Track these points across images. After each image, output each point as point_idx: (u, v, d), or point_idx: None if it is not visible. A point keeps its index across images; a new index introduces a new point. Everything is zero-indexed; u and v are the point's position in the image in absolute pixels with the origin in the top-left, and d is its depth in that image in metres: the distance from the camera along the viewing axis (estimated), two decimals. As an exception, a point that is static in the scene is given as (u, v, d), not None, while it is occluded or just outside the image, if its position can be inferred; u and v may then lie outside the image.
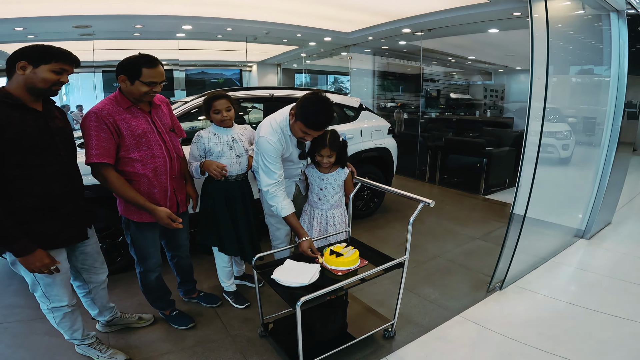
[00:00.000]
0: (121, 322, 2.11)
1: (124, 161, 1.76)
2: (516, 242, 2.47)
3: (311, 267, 1.81)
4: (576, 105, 4.04)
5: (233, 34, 6.18)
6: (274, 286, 1.72)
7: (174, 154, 1.90)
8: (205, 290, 2.48)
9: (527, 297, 2.53)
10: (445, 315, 2.29)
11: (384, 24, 5.96)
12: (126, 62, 1.68)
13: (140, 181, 1.80)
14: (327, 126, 1.95)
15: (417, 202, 1.85)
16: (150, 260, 1.97)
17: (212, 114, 2.09)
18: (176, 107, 2.96)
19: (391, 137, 4.14)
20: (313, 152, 2.15)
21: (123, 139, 1.72)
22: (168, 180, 1.88)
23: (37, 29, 5.52)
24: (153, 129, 1.81)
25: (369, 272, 1.76)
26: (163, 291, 2.12)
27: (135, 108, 1.77)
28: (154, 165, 1.81)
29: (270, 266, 1.89)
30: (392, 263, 1.83)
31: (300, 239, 1.99)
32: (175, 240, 2.15)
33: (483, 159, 5.02)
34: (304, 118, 1.84)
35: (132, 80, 1.68)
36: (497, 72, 8.95)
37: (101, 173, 1.70)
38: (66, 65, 1.48)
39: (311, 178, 2.23)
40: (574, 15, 3.44)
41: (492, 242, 3.44)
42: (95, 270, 1.85)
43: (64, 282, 1.64)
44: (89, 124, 1.64)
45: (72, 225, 1.63)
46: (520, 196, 3.89)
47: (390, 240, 3.44)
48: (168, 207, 1.90)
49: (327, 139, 2.06)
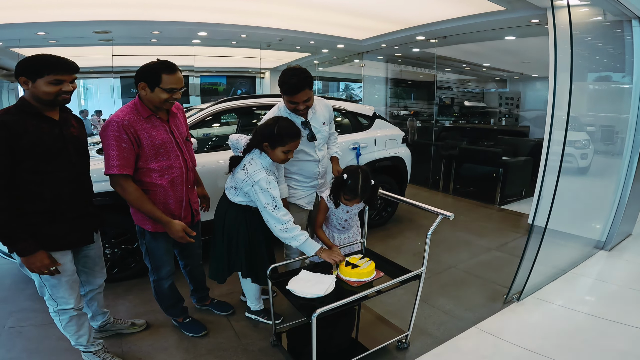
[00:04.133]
0: (113, 328, 2.11)
1: (141, 171, 1.75)
2: (536, 254, 2.41)
3: (326, 278, 1.77)
4: (595, 113, 3.95)
5: (247, 40, 6.24)
6: (288, 297, 1.69)
7: (189, 164, 1.91)
8: (218, 297, 2.46)
9: (546, 308, 2.47)
10: (461, 327, 2.24)
11: (398, 32, 5.94)
12: (146, 69, 1.67)
13: (157, 191, 1.79)
14: (302, 87, 1.90)
15: (436, 214, 1.81)
16: (164, 269, 1.97)
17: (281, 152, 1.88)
18: (190, 115, 2.98)
19: (405, 146, 4.09)
20: (340, 195, 2.00)
21: (143, 149, 1.71)
22: (184, 191, 1.88)
23: (58, 34, 5.67)
24: (172, 139, 1.81)
25: (385, 285, 1.73)
26: (176, 299, 2.11)
27: (154, 117, 1.76)
28: (172, 176, 1.81)
29: (285, 276, 1.86)
30: (409, 275, 1.80)
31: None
32: (189, 249, 2.14)
33: (499, 168, 4.93)
34: (281, 88, 1.94)
35: (152, 88, 1.67)
36: (512, 79, 8.83)
37: (120, 184, 1.68)
38: (60, 75, 1.47)
39: (336, 214, 2.15)
40: (593, 22, 3.37)
41: (508, 253, 3.37)
42: (94, 273, 1.87)
43: (70, 284, 1.65)
44: (110, 134, 1.63)
45: (79, 228, 1.66)
46: (541, 207, 3.84)
47: (403, 250, 3.39)
48: (183, 217, 1.90)
49: (359, 189, 1.93)
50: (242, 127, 3.71)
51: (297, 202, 2.23)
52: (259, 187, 1.77)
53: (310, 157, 2.16)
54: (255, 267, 2.02)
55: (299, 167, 2.17)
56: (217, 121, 3.73)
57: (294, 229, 1.82)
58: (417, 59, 7.70)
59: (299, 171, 2.18)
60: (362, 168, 1.99)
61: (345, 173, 1.97)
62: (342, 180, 1.96)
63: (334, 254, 1.89)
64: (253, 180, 1.78)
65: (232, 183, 1.96)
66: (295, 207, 2.20)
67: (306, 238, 1.83)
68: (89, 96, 7.58)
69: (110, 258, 2.61)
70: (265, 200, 1.77)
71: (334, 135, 2.42)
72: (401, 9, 4.94)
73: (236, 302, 2.46)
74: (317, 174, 2.23)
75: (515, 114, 8.33)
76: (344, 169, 2.01)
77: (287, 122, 1.87)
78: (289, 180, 2.19)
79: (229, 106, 3.17)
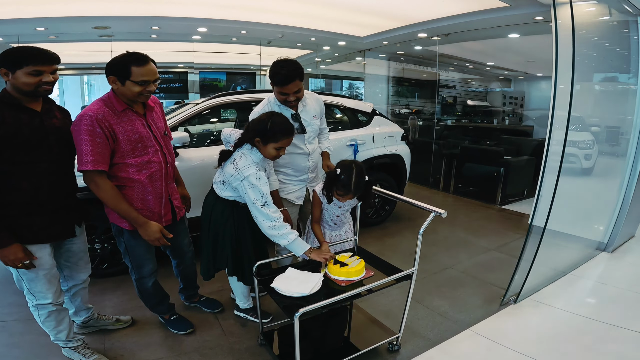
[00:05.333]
0: (97, 324, 2.07)
1: (118, 167, 1.67)
2: (534, 255, 2.34)
3: (313, 277, 1.71)
4: (599, 113, 3.87)
5: (248, 37, 6.18)
6: (273, 295, 1.64)
7: (168, 159, 1.84)
8: (208, 294, 2.41)
9: (544, 311, 2.40)
10: (455, 329, 2.18)
11: (400, 29, 5.86)
12: (114, 62, 1.59)
13: (135, 187, 1.72)
14: (292, 78, 1.88)
15: (429, 212, 1.74)
16: (146, 267, 1.90)
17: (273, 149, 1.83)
18: (185, 109, 2.94)
19: (404, 144, 4.03)
20: (332, 191, 1.94)
21: (119, 144, 1.63)
22: (163, 186, 1.82)
23: (58, 30, 5.64)
24: (149, 133, 1.74)
25: (374, 284, 1.66)
26: (161, 296, 2.06)
27: (130, 111, 1.68)
28: (150, 172, 1.74)
29: (272, 274, 1.80)
30: (399, 275, 1.73)
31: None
32: (180, 248, 2.09)
33: (500, 167, 4.85)
34: (272, 79, 1.93)
35: (123, 81, 1.59)
36: (516, 78, 8.74)
37: (94, 180, 1.59)
38: (40, 66, 1.45)
39: (328, 209, 2.07)
40: (598, 21, 3.29)
41: (507, 253, 3.30)
42: (78, 268, 1.82)
43: (48, 279, 1.61)
44: (84, 128, 1.54)
45: (59, 222, 1.62)
46: (540, 207, 3.76)
47: (400, 250, 3.32)
48: (163, 214, 1.85)
49: (352, 184, 1.85)
50: (240, 123, 3.67)
51: (287, 196, 2.19)
52: (249, 183, 1.72)
53: (300, 149, 2.11)
54: (241, 264, 1.96)
55: (289, 160, 2.12)
56: (213, 116, 3.69)
57: (283, 227, 1.77)
58: (419, 57, 7.62)
59: (288, 164, 2.13)
60: (356, 163, 1.92)
61: (339, 167, 1.90)
62: (335, 175, 1.89)
63: (324, 253, 1.83)
64: (242, 175, 1.73)
65: (221, 177, 1.91)
66: (285, 201, 2.16)
67: (295, 237, 1.78)
68: (93, 93, 7.57)
69: (100, 253, 2.57)
70: (255, 196, 1.72)
71: (325, 131, 2.37)
72: (402, 6, 4.86)
73: (226, 299, 2.41)
74: (307, 168, 2.18)
75: (519, 113, 8.24)
76: (337, 163, 1.94)
77: (281, 118, 1.82)
78: (278, 174, 2.15)
79: (224, 100, 3.12)
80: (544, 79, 8.20)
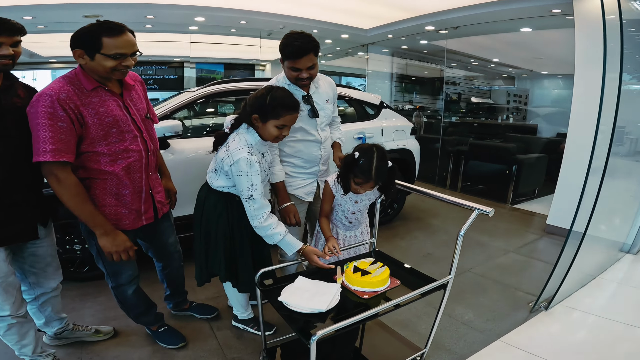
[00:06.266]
0: (73, 336, 1.80)
1: (86, 156, 1.38)
2: (572, 260, 2.11)
3: (329, 288, 1.42)
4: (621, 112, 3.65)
5: (247, 28, 5.91)
6: (282, 311, 1.34)
7: (151, 147, 1.56)
8: (203, 302, 2.15)
9: (578, 318, 2.19)
10: (483, 340, 1.95)
11: (406, 20, 5.61)
12: (81, 32, 1.31)
13: (107, 180, 1.44)
14: (307, 51, 1.65)
15: (470, 209, 1.51)
16: (124, 274, 1.62)
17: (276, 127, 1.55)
18: (181, 98, 2.69)
19: (414, 139, 3.79)
20: (349, 179, 1.66)
21: (87, 129, 1.34)
22: (144, 179, 1.54)
23: (46, 18, 5.34)
24: (127, 116, 1.45)
25: (404, 298, 1.35)
26: (146, 305, 1.79)
27: (102, 89, 1.39)
28: (127, 162, 1.46)
29: (277, 283, 1.52)
30: (433, 285, 1.45)
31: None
32: (164, 249, 1.83)
33: (512, 165, 4.62)
34: (283, 52, 1.69)
35: (92, 55, 1.31)
36: (520, 76, 8.58)
37: (55, 174, 1.30)
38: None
39: (341, 204, 1.80)
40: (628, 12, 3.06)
41: (527, 255, 3.07)
42: (46, 275, 1.56)
43: (4, 288, 1.36)
44: (41, 110, 1.25)
45: (17, 220, 1.35)
46: (559, 205, 3.51)
47: (412, 252, 3.07)
48: (143, 211, 1.58)
49: (373, 169, 1.58)
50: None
51: (295, 192, 1.90)
52: (237, 168, 1.46)
53: (311, 136, 1.85)
54: (236, 269, 1.68)
55: (298, 148, 1.85)
56: (209, 105, 3.44)
57: (267, 227, 1.51)
58: (423, 52, 7.39)
59: (297, 153, 1.85)
60: (377, 146, 1.64)
61: (357, 151, 1.62)
62: (353, 159, 1.61)
63: (314, 257, 1.57)
64: (232, 159, 1.47)
65: (214, 164, 1.64)
66: (292, 197, 1.88)
67: (283, 235, 1.54)
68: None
69: (80, 255, 2.30)
70: (242, 186, 1.48)
71: (337, 119, 2.11)
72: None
73: (223, 307, 2.15)
74: (319, 158, 1.91)
75: (524, 111, 8.08)
76: (355, 147, 1.67)
77: (283, 92, 1.54)
78: (285, 165, 1.87)
79: (222, 88, 2.85)
80: (547, 77, 8.08)
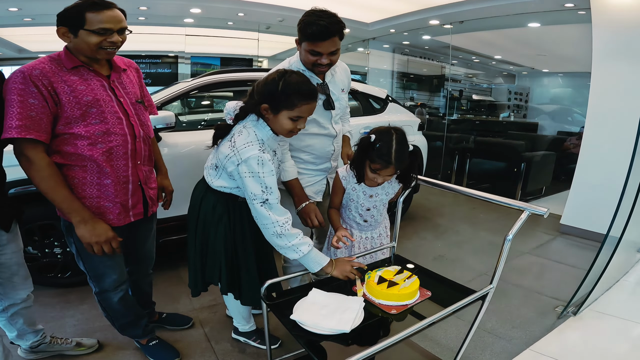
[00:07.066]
0: (51, 349, 1.60)
1: (62, 139, 1.25)
2: (606, 264, 1.94)
3: (350, 302, 1.19)
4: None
5: (245, 21, 5.69)
6: (295, 332, 1.10)
7: (139, 132, 1.39)
8: (198, 310, 1.97)
9: (610, 323, 2.03)
10: (511, 350, 1.78)
11: (410, 14, 5.42)
12: (65, 10, 1.21)
13: (87, 167, 1.28)
14: (332, 33, 1.41)
15: (519, 210, 1.29)
16: (108, 278, 1.43)
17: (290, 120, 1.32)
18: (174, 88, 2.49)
19: (421, 135, 3.63)
20: (363, 165, 1.46)
21: (62, 107, 1.21)
22: (129, 168, 1.37)
23: (33, 10, 5.08)
24: (111, 97, 1.32)
25: (441, 314, 1.10)
26: (135, 315, 1.58)
27: (85, 69, 1.27)
28: (108, 146, 1.29)
29: (287, 295, 1.29)
30: (473, 297, 1.22)
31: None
32: (138, 252, 1.63)
33: (520, 163, 4.47)
34: (303, 32, 1.43)
35: (75, 31, 1.21)
36: (521, 74, 8.48)
37: (25, 154, 1.18)
38: None
39: (354, 198, 1.58)
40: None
41: (543, 257, 2.91)
42: (13, 285, 1.36)
43: None
44: (13, 87, 1.15)
45: None
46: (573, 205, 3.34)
47: (422, 254, 2.89)
48: (131, 205, 1.40)
49: (393, 153, 1.37)
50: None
51: None
52: (248, 169, 1.24)
53: (324, 130, 1.63)
54: (239, 280, 1.46)
55: (308, 142, 1.63)
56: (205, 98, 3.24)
57: (292, 235, 1.28)
58: (425, 48, 7.22)
59: (307, 148, 1.64)
60: (396, 128, 1.43)
61: (374, 134, 1.41)
62: (369, 142, 1.40)
63: (347, 266, 1.36)
64: (240, 158, 1.25)
65: (214, 160, 1.42)
66: None
67: (309, 249, 1.31)
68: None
69: (62, 259, 2.09)
70: (254, 189, 1.25)
71: (347, 110, 1.91)
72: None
73: (221, 317, 1.95)
74: (331, 154, 1.70)
75: (524, 108, 7.99)
76: (371, 130, 1.45)
77: (299, 76, 1.31)
78: (293, 160, 1.65)
79: (219, 79, 2.64)
80: (548, 75, 8.01)
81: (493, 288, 1.27)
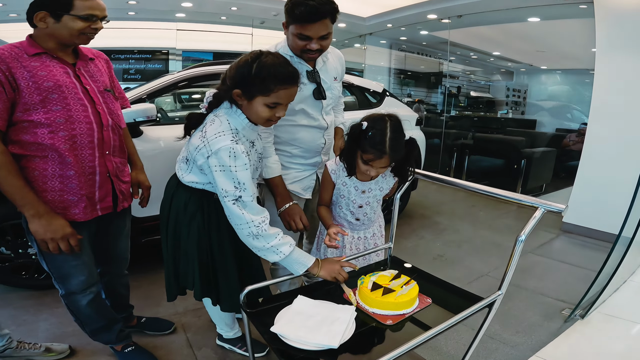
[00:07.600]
0: (18, 354, 1.48)
1: (20, 127, 1.15)
2: (617, 266, 1.84)
3: (340, 312, 1.05)
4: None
5: (238, 15, 5.57)
6: (276, 345, 0.96)
7: (107, 120, 1.28)
8: (181, 314, 1.85)
9: (620, 326, 1.91)
10: (516, 356, 1.68)
11: (407, 8, 5.32)
12: None
13: (47, 157, 1.18)
14: (323, 14, 1.29)
15: (532, 207, 1.15)
16: (74, 279, 1.30)
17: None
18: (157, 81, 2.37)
19: (419, 130, 3.52)
20: (354, 156, 1.33)
21: (20, 93, 1.12)
22: (96, 158, 1.26)
23: (18, 5, 4.92)
24: (75, 83, 1.23)
25: (445, 325, 0.97)
26: (106, 319, 1.45)
27: (48, 56, 1.19)
28: (71, 134, 1.19)
29: (272, 302, 1.14)
30: (480, 306, 1.09)
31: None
32: (111, 251, 1.51)
33: (521, 160, 4.37)
34: (290, 13, 1.30)
35: (59, 16, 1.15)
36: (519, 71, 8.42)
37: None
38: None
39: (345, 194, 1.45)
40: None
41: (546, 256, 2.80)
42: None
43: None
44: None
45: None
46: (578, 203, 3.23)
47: (420, 254, 2.78)
48: (98, 198, 1.29)
49: (387, 141, 1.23)
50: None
51: (290, 187, 1.55)
52: (218, 162, 1.10)
53: (314, 121, 1.51)
54: (215, 284, 1.32)
55: (297, 135, 1.50)
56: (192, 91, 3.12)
57: (271, 236, 1.14)
58: (422, 44, 7.13)
59: (295, 141, 1.52)
60: (390, 115, 1.29)
61: (366, 121, 1.27)
62: (360, 130, 1.26)
63: (336, 266, 1.22)
64: (209, 149, 1.11)
65: (185, 153, 1.28)
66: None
67: (291, 249, 1.17)
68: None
69: (36, 259, 1.96)
70: (225, 185, 1.11)
71: (341, 100, 1.79)
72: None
73: (206, 321, 1.83)
74: (321, 147, 1.58)
75: (522, 105, 7.95)
76: (363, 117, 1.31)
77: (275, 58, 1.16)
78: (280, 154, 1.53)
79: (206, 71, 2.52)
80: (545, 72, 7.95)
81: (502, 295, 1.14)
